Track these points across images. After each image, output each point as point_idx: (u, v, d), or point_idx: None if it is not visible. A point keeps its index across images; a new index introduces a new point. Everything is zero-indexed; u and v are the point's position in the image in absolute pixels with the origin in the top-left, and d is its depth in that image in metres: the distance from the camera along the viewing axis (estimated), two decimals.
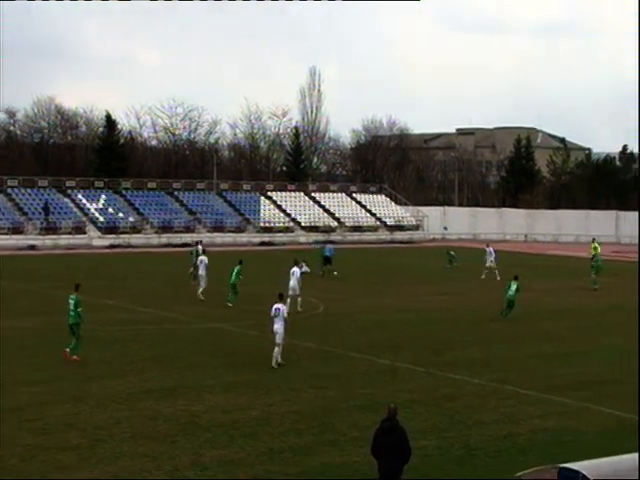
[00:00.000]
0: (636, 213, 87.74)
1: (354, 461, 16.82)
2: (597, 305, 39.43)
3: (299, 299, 35.50)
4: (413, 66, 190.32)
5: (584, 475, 10.19)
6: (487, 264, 50.12)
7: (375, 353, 27.31)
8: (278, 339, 24.61)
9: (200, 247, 44.68)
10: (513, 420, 19.91)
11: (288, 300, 32.14)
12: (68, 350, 25.08)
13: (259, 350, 26.63)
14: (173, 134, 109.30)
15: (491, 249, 50.72)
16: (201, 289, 38.88)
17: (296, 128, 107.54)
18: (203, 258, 39.96)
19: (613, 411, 20.81)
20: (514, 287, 35.00)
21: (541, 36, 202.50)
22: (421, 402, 21.36)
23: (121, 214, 78.11)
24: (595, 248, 49.26)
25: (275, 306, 24.79)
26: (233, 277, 37.07)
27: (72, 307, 25.30)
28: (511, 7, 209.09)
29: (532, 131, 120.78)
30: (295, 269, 35.86)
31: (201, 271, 39.33)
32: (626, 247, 78.88)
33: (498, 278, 47.75)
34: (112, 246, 72.12)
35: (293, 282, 35.13)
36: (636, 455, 10.87)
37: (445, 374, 24.55)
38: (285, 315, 24.72)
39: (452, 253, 57.09)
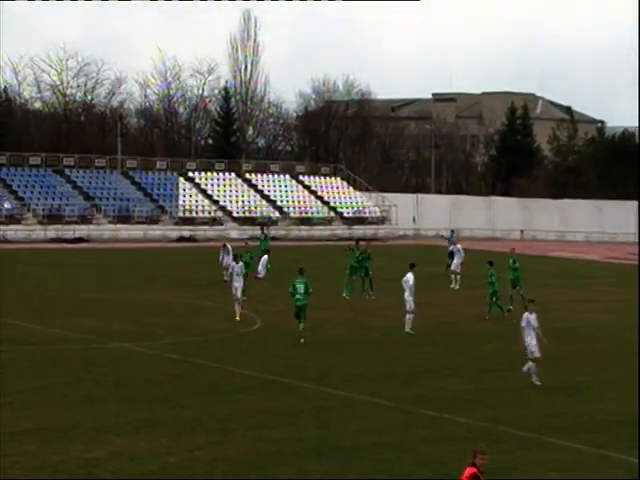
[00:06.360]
0: None
1: None
2: None
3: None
4: (379, 15, 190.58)
5: None
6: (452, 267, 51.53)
7: (329, 383, 27.06)
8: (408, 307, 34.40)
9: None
10: None
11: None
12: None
13: (178, 378, 26.35)
14: (63, 94, 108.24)
15: (459, 246, 51.68)
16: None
17: (226, 89, 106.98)
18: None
19: None
20: None
21: None
22: (395, 445, 21.11)
23: None
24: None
25: (407, 276, 34.79)
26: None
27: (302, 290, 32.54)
28: None
29: (530, 98, 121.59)
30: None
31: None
32: None
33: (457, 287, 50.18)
34: None
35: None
36: None
37: (419, 410, 24.34)
38: (411, 285, 34.47)
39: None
